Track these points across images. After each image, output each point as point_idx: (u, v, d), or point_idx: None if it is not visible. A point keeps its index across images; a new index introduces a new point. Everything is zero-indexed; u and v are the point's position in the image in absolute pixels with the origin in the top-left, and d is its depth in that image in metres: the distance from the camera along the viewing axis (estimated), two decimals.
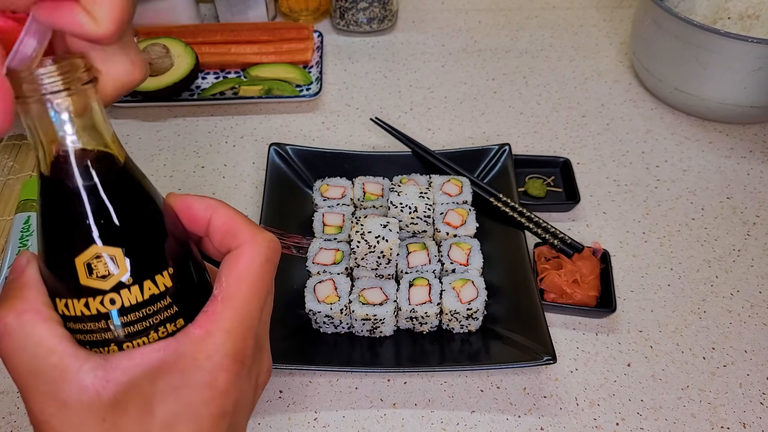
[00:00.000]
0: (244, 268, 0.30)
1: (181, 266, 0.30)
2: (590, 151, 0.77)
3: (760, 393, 0.55)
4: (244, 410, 0.32)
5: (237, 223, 0.32)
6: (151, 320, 0.29)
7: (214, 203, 0.32)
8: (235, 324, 0.29)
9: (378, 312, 0.55)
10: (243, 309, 0.30)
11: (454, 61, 0.91)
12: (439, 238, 0.62)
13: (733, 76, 0.72)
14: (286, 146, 0.70)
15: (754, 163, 0.75)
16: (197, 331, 0.29)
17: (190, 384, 0.28)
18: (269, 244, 0.32)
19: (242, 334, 0.30)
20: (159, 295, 0.29)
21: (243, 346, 0.30)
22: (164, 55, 0.80)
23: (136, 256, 0.28)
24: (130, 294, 0.28)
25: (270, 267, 0.32)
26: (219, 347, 0.29)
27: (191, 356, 0.28)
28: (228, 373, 0.29)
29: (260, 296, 0.31)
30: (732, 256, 0.65)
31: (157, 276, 0.29)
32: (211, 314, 0.29)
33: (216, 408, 0.29)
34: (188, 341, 0.28)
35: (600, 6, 1.01)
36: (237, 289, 0.30)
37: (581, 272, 0.60)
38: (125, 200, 0.29)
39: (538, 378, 0.56)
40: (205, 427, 0.28)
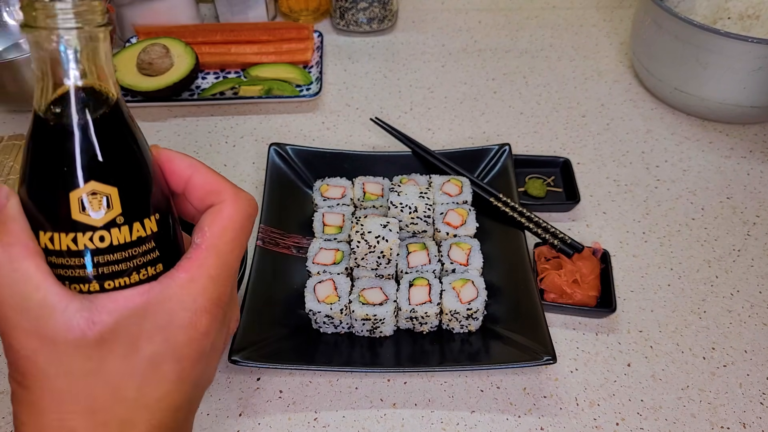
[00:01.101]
0: (228, 220, 0.32)
1: (164, 214, 0.31)
2: (590, 151, 0.77)
3: (760, 393, 0.55)
4: (217, 353, 0.34)
5: (220, 182, 0.33)
6: (135, 261, 0.30)
7: (196, 163, 0.33)
8: (218, 271, 0.31)
9: (378, 312, 0.55)
10: (226, 257, 0.31)
11: (454, 61, 0.91)
12: (439, 238, 0.62)
13: (733, 76, 0.72)
14: (286, 146, 0.70)
15: (754, 163, 0.75)
16: (183, 275, 0.30)
17: (174, 324, 0.29)
18: (250, 201, 0.33)
19: (224, 281, 0.31)
20: (145, 238, 0.30)
21: (223, 292, 0.31)
22: (164, 55, 0.80)
23: (129, 197, 0.29)
24: (120, 233, 0.29)
25: (250, 224, 0.33)
26: (203, 291, 0.30)
27: (177, 298, 0.30)
28: (210, 316, 0.30)
29: (240, 248, 0.32)
30: (732, 256, 0.65)
31: (146, 219, 0.30)
32: (196, 260, 0.31)
33: (197, 348, 0.30)
34: (174, 284, 0.30)
35: (600, 6, 1.01)
36: (220, 238, 0.31)
37: (581, 272, 0.60)
38: (124, 142, 0.30)
39: (538, 378, 0.56)
40: (187, 366, 0.30)
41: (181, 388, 0.31)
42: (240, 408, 0.54)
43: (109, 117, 0.29)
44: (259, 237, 0.62)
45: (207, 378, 0.33)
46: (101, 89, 0.29)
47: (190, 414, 0.33)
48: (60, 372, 0.28)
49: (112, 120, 0.29)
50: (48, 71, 0.28)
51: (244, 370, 0.57)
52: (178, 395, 0.31)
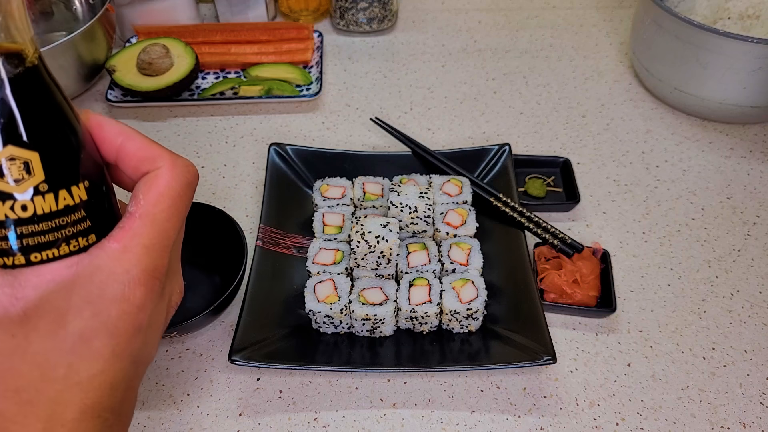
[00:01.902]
0: (164, 187, 0.30)
1: (95, 182, 0.30)
2: (590, 151, 0.77)
3: (760, 393, 0.55)
4: (157, 328, 0.32)
5: (154, 148, 0.31)
6: (63, 232, 0.28)
7: (127, 129, 0.31)
8: (153, 240, 0.29)
9: (378, 312, 0.55)
10: (161, 227, 0.30)
11: (454, 61, 0.91)
12: (439, 238, 0.62)
13: (733, 76, 0.72)
14: (286, 146, 0.70)
15: (754, 163, 0.75)
16: (114, 245, 0.28)
17: (105, 298, 0.28)
18: (189, 168, 0.31)
19: (159, 251, 0.29)
20: (73, 207, 0.28)
21: (160, 263, 0.30)
22: (164, 55, 0.80)
23: (53, 162, 0.27)
24: (44, 202, 0.27)
25: (189, 191, 0.31)
26: (137, 262, 0.28)
27: (108, 270, 0.28)
28: (145, 288, 0.29)
29: (178, 217, 0.31)
30: (732, 256, 0.65)
31: (74, 187, 0.28)
32: (129, 229, 0.29)
33: (131, 322, 0.29)
34: (104, 255, 0.28)
35: (600, 6, 1.01)
36: (156, 206, 0.30)
37: (581, 272, 0.60)
38: (44, 104, 0.28)
39: (538, 378, 0.56)
40: (122, 342, 0.28)
41: (117, 364, 0.29)
42: (240, 408, 0.54)
43: (26, 77, 0.27)
44: (259, 237, 0.62)
45: (147, 355, 0.31)
46: (16, 47, 0.27)
47: (130, 392, 0.31)
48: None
49: (29, 80, 0.27)
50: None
51: (244, 370, 0.57)
52: (114, 372, 0.29)
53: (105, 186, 0.31)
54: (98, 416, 0.28)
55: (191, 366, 0.57)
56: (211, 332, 0.60)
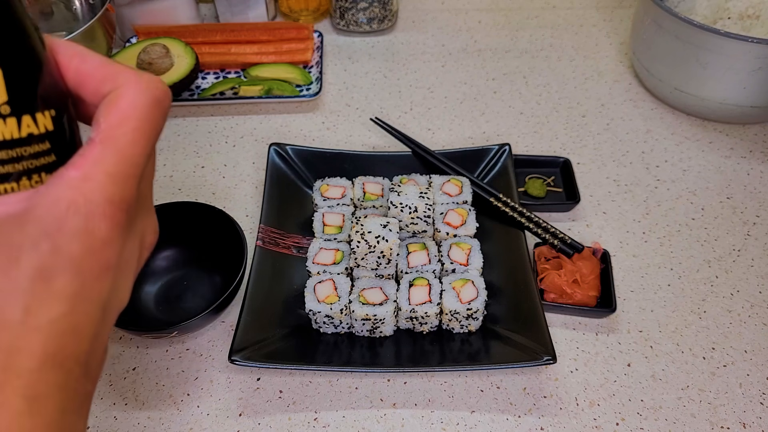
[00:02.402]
0: (128, 107, 0.27)
1: (60, 112, 0.27)
2: (590, 151, 0.77)
3: (760, 393, 0.55)
4: (128, 270, 0.28)
5: (114, 65, 0.27)
6: (25, 164, 0.25)
7: (82, 49, 0.27)
8: (118, 168, 0.26)
9: (378, 312, 0.55)
10: (126, 152, 0.26)
11: (454, 61, 0.91)
12: (439, 238, 0.62)
13: (733, 76, 0.72)
14: (286, 146, 0.70)
15: (754, 163, 0.75)
16: (74, 173, 0.25)
17: (66, 231, 0.24)
18: (156, 83, 0.28)
19: (126, 179, 0.26)
20: (38, 137, 0.25)
21: (127, 193, 0.26)
22: (164, 55, 0.80)
23: (17, 82, 0.24)
24: (5, 127, 0.24)
25: (159, 111, 0.28)
26: (100, 191, 0.25)
27: (67, 200, 0.25)
28: (111, 221, 0.26)
29: (146, 142, 0.27)
30: (732, 256, 0.65)
31: (39, 114, 0.25)
32: (90, 156, 0.25)
33: (97, 260, 0.26)
34: (63, 184, 0.25)
35: (600, 6, 1.01)
36: (119, 129, 0.26)
37: (581, 272, 0.60)
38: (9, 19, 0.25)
39: (538, 378, 0.56)
40: (87, 282, 0.25)
41: (82, 307, 0.25)
42: (240, 408, 0.54)
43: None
44: (259, 237, 0.62)
45: (118, 299, 0.28)
46: None
47: (97, 342, 0.27)
48: None
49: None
50: None
51: (244, 370, 0.57)
52: (78, 316, 0.25)
53: (69, 118, 0.28)
54: (61, 366, 0.25)
55: (191, 366, 0.57)
56: (211, 332, 0.60)
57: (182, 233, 0.63)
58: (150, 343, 0.59)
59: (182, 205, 0.63)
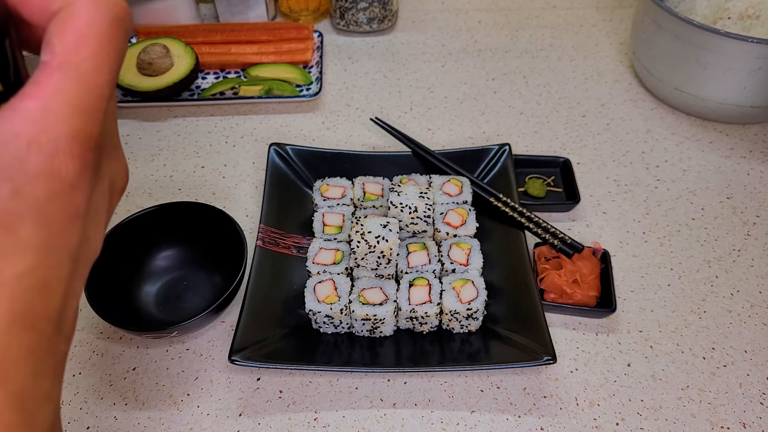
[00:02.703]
0: (85, 26, 0.22)
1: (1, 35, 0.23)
2: (590, 151, 0.77)
3: (760, 393, 0.55)
4: (99, 217, 0.25)
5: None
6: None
7: None
8: (81, 99, 0.22)
9: (378, 312, 0.55)
10: (89, 80, 0.22)
11: (454, 61, 0.91)
12: (439, 238, 0.62)
13: (733, 76, 0.72)
14: (286, 146, 0.70)
15: (754, 163, 0.75)
16: (31, 104, 0.21)
17: (27, 173, 0.21)
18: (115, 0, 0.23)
19: (90, 112, 0.22)
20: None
21: (94, 129, 0.23)
22: (164, 55, 0.80)
23: None
24: None
25: (120, 31, 0.23)
26: (64, 126, 0.22)
27: (27, 136, 0.21)
28: (79, 161, 0.22)
29: (109, 66, 0.23)
30: (732, 256, 0.65)
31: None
32: (47, 84, 0.21)
33: (64, 204, 0.22)
34: (19, 118, 0.21)
35: (600, 6, 1.01)
36: (78, 53, 0.22)
37: (581, 272, 0.60)
38: None
39: (538, 378, 0.56)
40: (55, 231, 0.22)
41: (50, 260, 0.22)
42: (240, 408, 0.54)
43: None
44: (259, 237, 0.62)
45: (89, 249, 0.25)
46: None
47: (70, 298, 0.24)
48: None
49: None
50: None
51: (244, 370, 0.57)
52: (47, 270, 0.22)
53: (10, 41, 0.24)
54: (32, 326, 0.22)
55: (191, 366, 0.57)
56: (211, 332, 0.60)
57: (182, 233, 0.63)
58: (150, 343, 0.59)
59: (182, 205, 0.63)
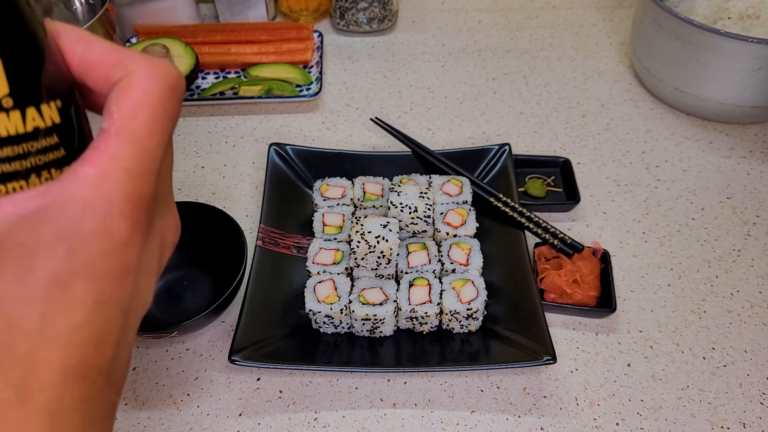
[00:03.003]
0: (142, 94, 0.24)
1: (68, 102, 0.25)
2: (590, 151, 0.77)
3: (760, 393, 0.55)
4: (149, 271, 0.27)
5: (122, 51, 0.25)
6: (33, 160, 0.23)
7: (86, 35, 0.25)
8: (135, 162, 0.24)
9: (378, 312, 0.55)
10: (143, 145, 0.24)
11: (454, 61, 0.91)
12: (439, 238, 0.62)
13: (733, 76, 0.72)
14: (286, 146, 0.70)
15: (754, 163, 0.75)
16: (89, 170, 0.23)
17: (83, 233, 0.23)
18: (169, 69, 0.26)
19: (144, 175, 0.24)
20: (45, 131, 0.24)
21: (145, 190, 0.24)
22: (164, 55, 0.80)
23: (19, 72, 0.22)
24: (9, 120, 0.22)
25: (174, 98, 0.26)
26: (117, 189, 0.23)
27: (83, 199, 0.23)
28: (130, 221, 0.24)
29: (163, 132, 0.25)
30: (732, 256, 0.65)
31: (44, 105, 0.23)
32: (105, 150, 0.23)
33: (117, 263, 0.24)
34: (78, 182, 0.23)
35: (600, 6, 1.01)
36: (134, 120, 0.24)
37: (581, 272, 0.60)
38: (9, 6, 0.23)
39: (538, 378, 0.56)
40: (107, 287, 0.24)
41: (103, 314, 0.24)
42: (240, 408, 0.54)
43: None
44: (259, 237, 0.62)
45: (140, 303, 0.27)
46: None
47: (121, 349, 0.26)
48: None
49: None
50: None
51: (244, 370, 0.57)
52: (100, 324, 0.24)
53: (77, 109, 0.26)
54: (84, 377, 0.24)
55: (191, 366, 0.57)
56: (211, 332, 0.60)
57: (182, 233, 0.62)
58: (150, 343, 0.59)
59: (182, 205, 0.63)
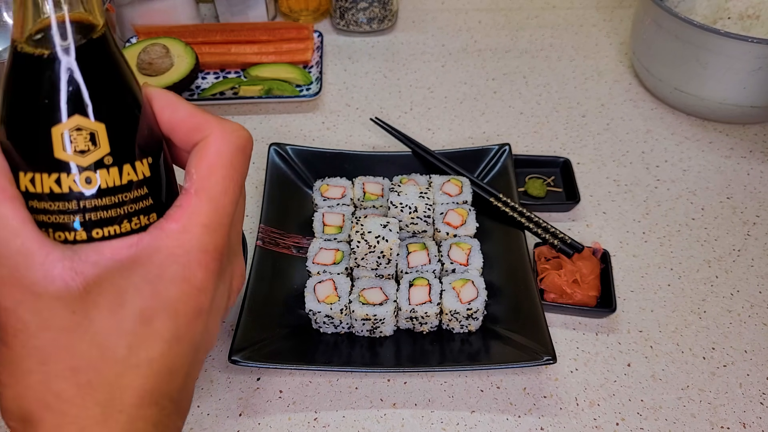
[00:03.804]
0: (215, 157, 0.29)
1: (157, 158, 0.29)
2: (590, 151, 0.77)
3: (760, 393, 0.55)
4: (218, 313, 0.31)
5: (200, 115, 0.30)
6: (126, 209, 0.27)
7: (174, 99, 0.30)
8: (211, 219, 0.28)
9: (378, 312, 0.55)
10: (218, 202, 0.28)
11: (454, 61, 0.91)
12: (439, 238, 0.62)
13: (733, 76, 0.72)
14: (286, 146, 0.70)
15: (754, 163, 0.75)
16: (173, 226, 0.28)
17: (165, 278, 0.27)
18: (239, 132, 0.30)
19: (219, 229, 0.29)
20: (137, 183, 0.28)
21: (220, 242, 0.29)
22: (164, 55, 0.80)
23: (119, 135, 0.27)
24: (108, 175, 0.27)
25: (242, 157, 0.30)
26: (196, 242, 0.28)
27: (167, 251, 0.27)
28: (205, 270, 0.28)
29: (234, 189, 0.29)
30: (732, 256, 0.65)
31: (137, 162, 0.28)
32: (186, 208, 0.28)
33: (192, 305, 0.28)
34: (164, 236, 0.27)
35: (600, 6, 1.01)
36: (209, 180, 0.28)
37: (581, 272, 0.60)
38: (111, 75, 0.27)
39: (538, 378, 0.56)
40: (182, 324, 0.28)
41: (178, 348, 0.28)
42: (240, 408, 0.54)
43: (94, 47, 0.26)
44: (259, 237, 0.62)
45: (207, 341, 0.31)
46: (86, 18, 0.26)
47: (189, 380, 0.30)
48: (42, 326, 0.26)
49: (97, 50, 0.27)
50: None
51: (244, 370, 0.57)
52: (174, 357, 0.28)
53: (166, 163, 0.30)
54: (156, 403, 0.27)
55: None
56: None
57: None
58: None
59: None
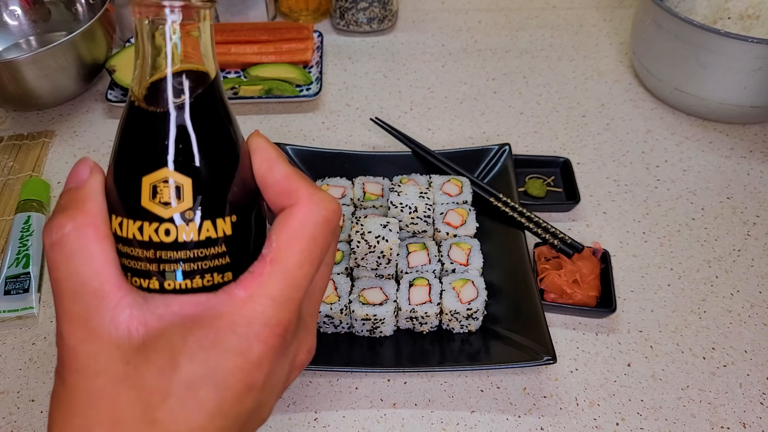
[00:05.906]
0: (297, 227, 0.27)
1: (244, 216, 0.28)
2: (590, 151, 0.77)
3: (760, 393, 0.55)
4: (275, 389, 0.29)
5: (293, 180, 0.28)
6: (200, 264, 0.27)
7: (273, 156, 0.29)
8: (281, 291, 0.27)
9: (378, 312, 0.55)
10: (291, 275, 0.27)
11: (454, 61, 0.91)
12: (439, 238, 0.62)
13: (733, 76, 0.72)
14: (286, 146, 0.70)
15: (754, 163, 0.75)
16: (240, 293, 0.26)
17: (221, 347, 0.26)
18: (327, 204, 0.28)
19: (287, 304, 0.27)
20: (214, 240, 0.27)
21: (286, 317, 0.27)
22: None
23: (203, 191, 0.27)
24: (187, 230, 0.26)
25: (327, 231, 0.28)
26: (260, 315, 0.26)
27: (229, 318, 0.26)
28: (264, 345, 0.26)
29: (312, 263, 0.28)
30: (732, 256, 0.65)
31: (218, 219, 0.27)
32: (258, 276, 0.27)
33: (243, 379, 0.26)
34: (229, 301, 0.26)
35: (600, 6, 1.01)
36: (287, 251, 0.27)
37: (581, 272, 0.60)
38: (211, 132, 0.27)
39: (538, 378, 0.56)
40: (229, 397, 0.26)
41: (220, 422, 0.26)
42: None
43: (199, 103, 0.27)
44: None
45: (257, 418, 0.29)
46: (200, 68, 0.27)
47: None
48: (97, 370, 0.25)
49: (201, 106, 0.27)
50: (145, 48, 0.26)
51: None
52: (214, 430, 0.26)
53: (257, 219, 0.29)
54: None
55: None
56: None
57: None
58: None
59: None
